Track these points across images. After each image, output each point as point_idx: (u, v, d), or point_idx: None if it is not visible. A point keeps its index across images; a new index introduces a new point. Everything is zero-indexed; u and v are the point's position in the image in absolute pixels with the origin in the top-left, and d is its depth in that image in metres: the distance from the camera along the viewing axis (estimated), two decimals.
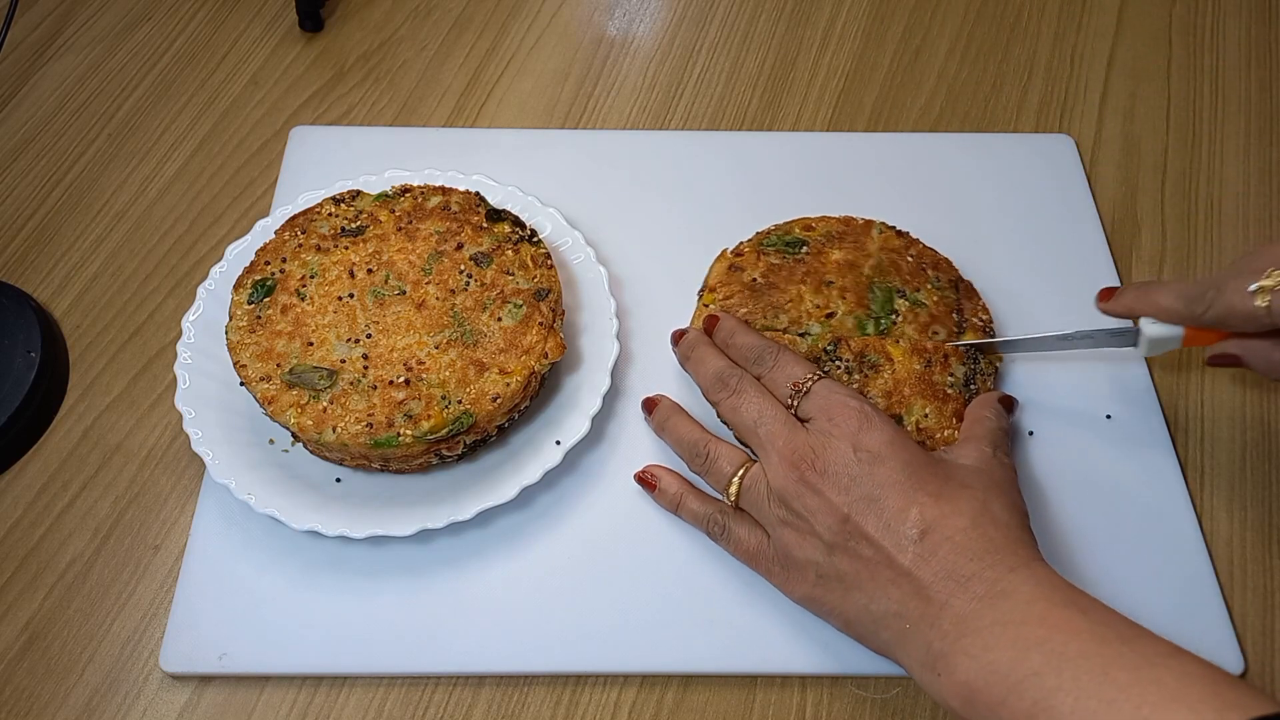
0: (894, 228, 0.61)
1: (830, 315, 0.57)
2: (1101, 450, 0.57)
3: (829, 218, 0.62)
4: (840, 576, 0.47)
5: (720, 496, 0.53)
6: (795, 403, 0.51)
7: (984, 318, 0.58)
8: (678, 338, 0.58)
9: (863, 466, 0.47)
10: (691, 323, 0.59)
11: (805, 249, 0.60)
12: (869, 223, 0.61)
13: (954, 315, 0.58)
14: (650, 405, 0.57)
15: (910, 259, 0.60)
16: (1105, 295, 0.56)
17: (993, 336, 0.58)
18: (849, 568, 0.47)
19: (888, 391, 0.54)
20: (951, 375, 0.55)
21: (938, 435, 0.54)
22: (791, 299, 0.57)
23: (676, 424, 0.56)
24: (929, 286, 0.58)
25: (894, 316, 0.57)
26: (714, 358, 0.55)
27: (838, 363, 0.55)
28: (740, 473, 0.51)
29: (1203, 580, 0.53)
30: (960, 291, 0.59)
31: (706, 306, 0.58)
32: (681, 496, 0.54)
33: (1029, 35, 0.78)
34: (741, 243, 0.61)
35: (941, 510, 0.45)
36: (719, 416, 0.55)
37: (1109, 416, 0.58)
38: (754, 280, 0.58)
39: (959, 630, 0.42)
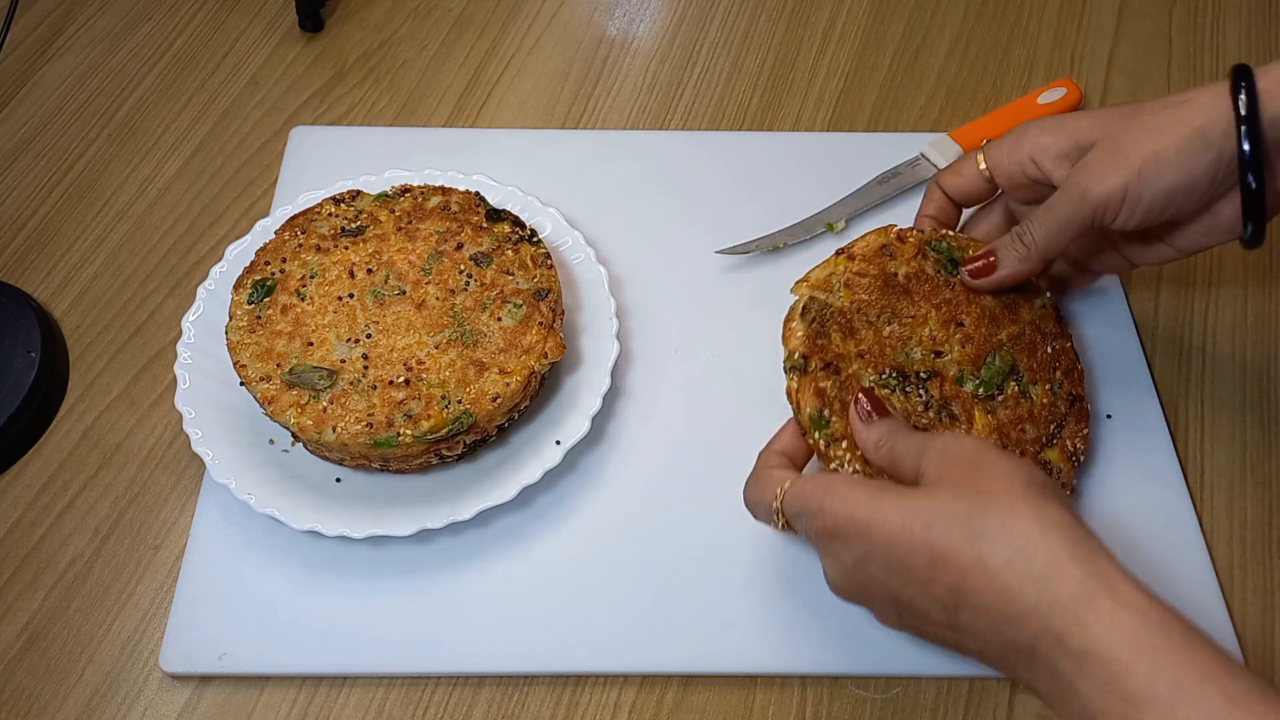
0: (1057, 309, 0.57)
1: (939, 354, 0.53)
2: (1101, 450, 0.57)
3: None
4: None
5: None
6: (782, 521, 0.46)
7: (1079, 445, 0.54)
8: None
9: (860, 575, 0.42)
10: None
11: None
12: (1038, 289, 0.57)
13: (1052, 426, 0.53)
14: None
15: (1049, 351, 0.55)
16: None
17: (1078, 466, 0.53)
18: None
19: None
20: None
21: None
22: (916, 317, 0.53)
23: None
24: (1047, 387, 0.54)
25: (997, 394, 0.53)
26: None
27: (921, 393, 0.52)
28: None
29: (1203, 580, 0.53)
30: (1072, 410, 0.54)
31: (843, 270, 0.54)
32: None
33: (1029, 35, 0.78)
34: (911, 229, 0.56)
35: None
36: None
37: (1109, 416, 0.58)
38: (895, 275, 0.54)
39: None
